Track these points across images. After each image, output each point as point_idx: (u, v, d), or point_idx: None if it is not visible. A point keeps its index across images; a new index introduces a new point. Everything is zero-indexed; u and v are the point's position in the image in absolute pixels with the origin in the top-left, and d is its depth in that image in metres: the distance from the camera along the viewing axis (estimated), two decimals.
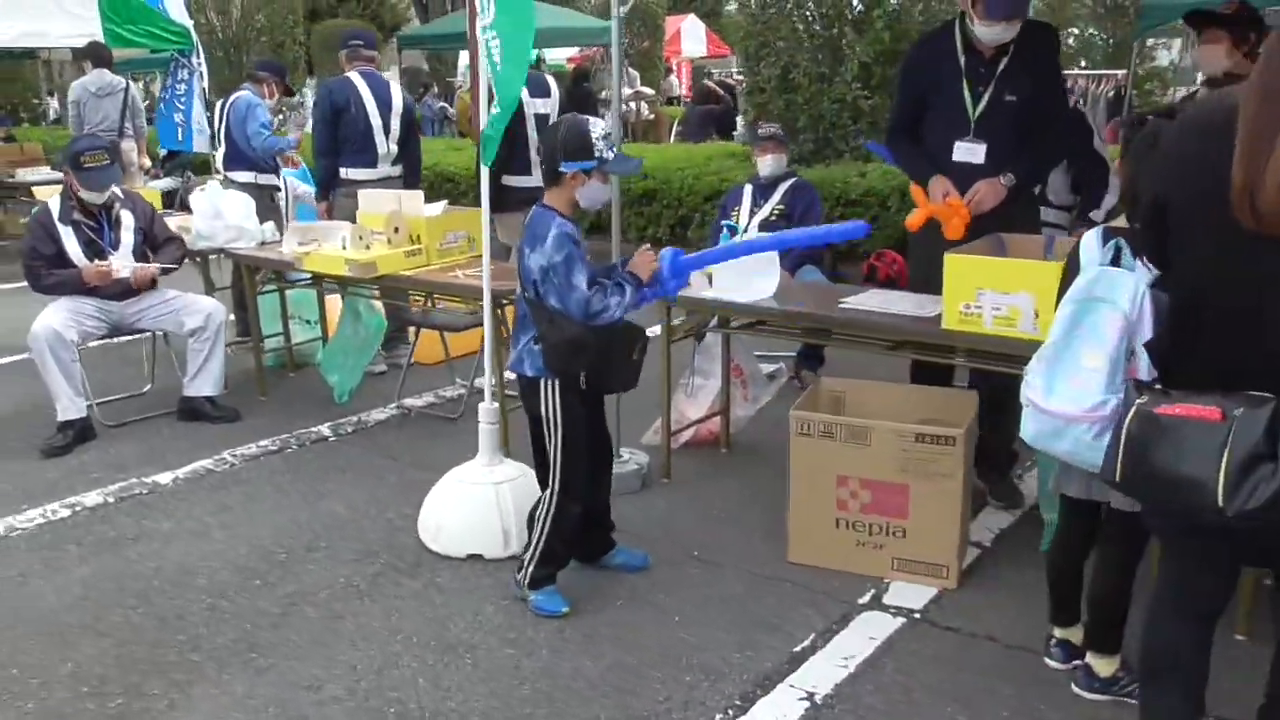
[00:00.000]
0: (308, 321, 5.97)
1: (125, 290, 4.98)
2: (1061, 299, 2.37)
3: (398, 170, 5.87)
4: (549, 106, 6.02)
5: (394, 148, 5.79)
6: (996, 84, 3.74)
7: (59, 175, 11.32)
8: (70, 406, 4.74)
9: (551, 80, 6.16)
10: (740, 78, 15.64)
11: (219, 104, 6.26)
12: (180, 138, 11.20)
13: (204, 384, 5.04)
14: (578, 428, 3.12)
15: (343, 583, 3.43)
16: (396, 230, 4.69)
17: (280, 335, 5.77)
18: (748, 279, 3.90)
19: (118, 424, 4.99)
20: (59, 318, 4.74)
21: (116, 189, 5.03)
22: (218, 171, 6.13)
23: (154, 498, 4.17)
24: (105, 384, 5.30)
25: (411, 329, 5.56)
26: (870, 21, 7.73)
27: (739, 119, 12.99)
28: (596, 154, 2.96)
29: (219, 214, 5.33)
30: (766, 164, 5.32)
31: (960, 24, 3.79)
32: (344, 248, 4.74)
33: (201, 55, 11.06)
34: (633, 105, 14.50)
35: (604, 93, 14.65)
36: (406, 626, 3.15)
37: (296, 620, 3.20)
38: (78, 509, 4.07)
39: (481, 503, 3.60)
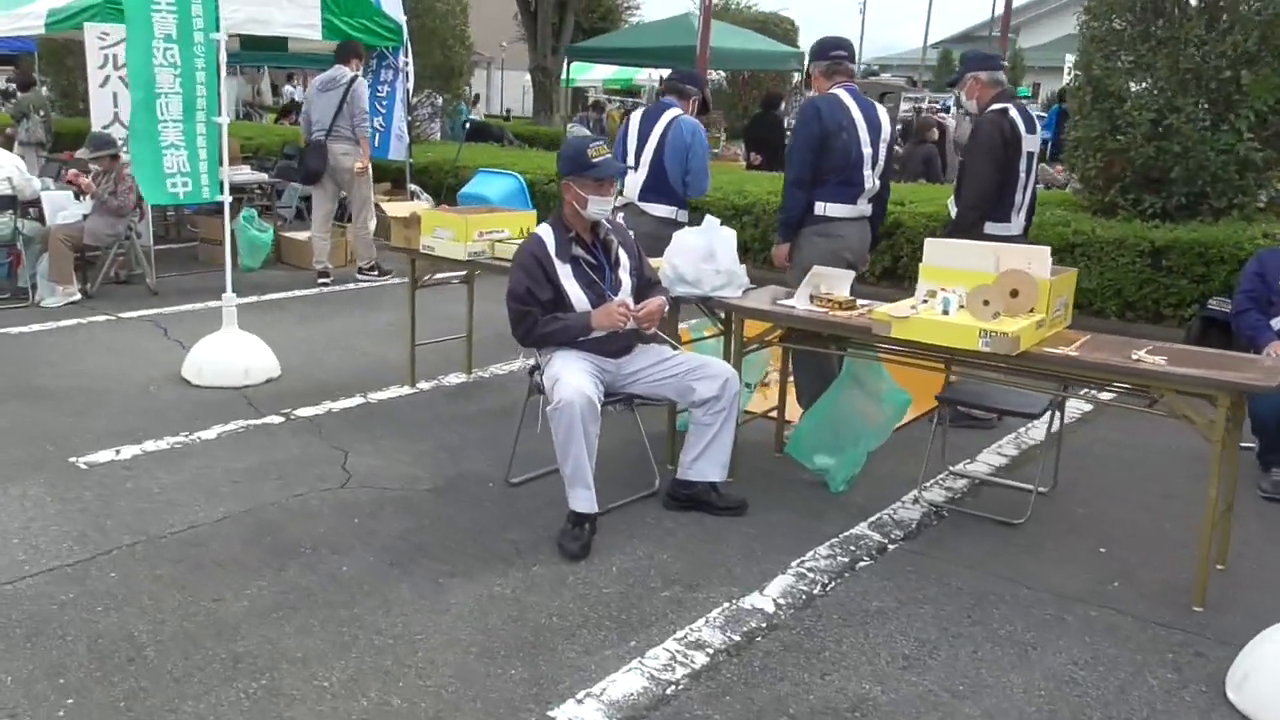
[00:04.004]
0: (748, 386, 5.00)
1: (624, 346, 4.02)
2: None
3: (869, 209, 4.92)
4: (1035, 144, 5.11)
5: (876, 182, 4.83)
6: None
7: (261, 175, 10.51)
8: (590, 496, 3.74)
9: (1032, 114, 5.25)
10: (943, 115, 14.85)
11: (634, 119, 5.26)
12: (377, 143, 10.27)
13: (710, 467, 4.05)
14: None
15: None
16: (1015, 294, 3.73)
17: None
18: None
19: (603, 510, 4.00)
20: (585, 380, 3.74)
21: (604, 217, 4.06)
22: (624, 198, 5.14)
23: (787, 637, 3.17)
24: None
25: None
26: (1272, 63, 6.83)
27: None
28: None
29: (711, 254, 4.34)
30: None
31: None
32: (945, 312, 3.77)
33: (410, 54, 10.17)
34: None
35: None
36: None
37: None
38: (716, 655, 3.05)
39: None
